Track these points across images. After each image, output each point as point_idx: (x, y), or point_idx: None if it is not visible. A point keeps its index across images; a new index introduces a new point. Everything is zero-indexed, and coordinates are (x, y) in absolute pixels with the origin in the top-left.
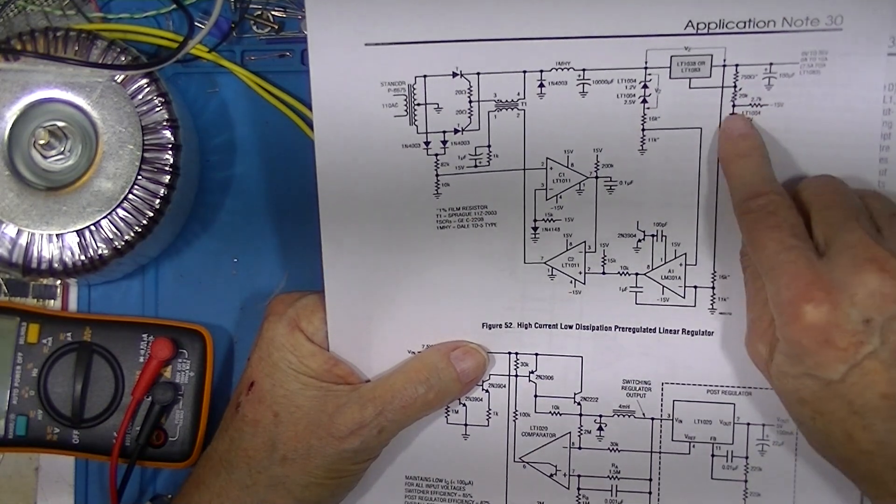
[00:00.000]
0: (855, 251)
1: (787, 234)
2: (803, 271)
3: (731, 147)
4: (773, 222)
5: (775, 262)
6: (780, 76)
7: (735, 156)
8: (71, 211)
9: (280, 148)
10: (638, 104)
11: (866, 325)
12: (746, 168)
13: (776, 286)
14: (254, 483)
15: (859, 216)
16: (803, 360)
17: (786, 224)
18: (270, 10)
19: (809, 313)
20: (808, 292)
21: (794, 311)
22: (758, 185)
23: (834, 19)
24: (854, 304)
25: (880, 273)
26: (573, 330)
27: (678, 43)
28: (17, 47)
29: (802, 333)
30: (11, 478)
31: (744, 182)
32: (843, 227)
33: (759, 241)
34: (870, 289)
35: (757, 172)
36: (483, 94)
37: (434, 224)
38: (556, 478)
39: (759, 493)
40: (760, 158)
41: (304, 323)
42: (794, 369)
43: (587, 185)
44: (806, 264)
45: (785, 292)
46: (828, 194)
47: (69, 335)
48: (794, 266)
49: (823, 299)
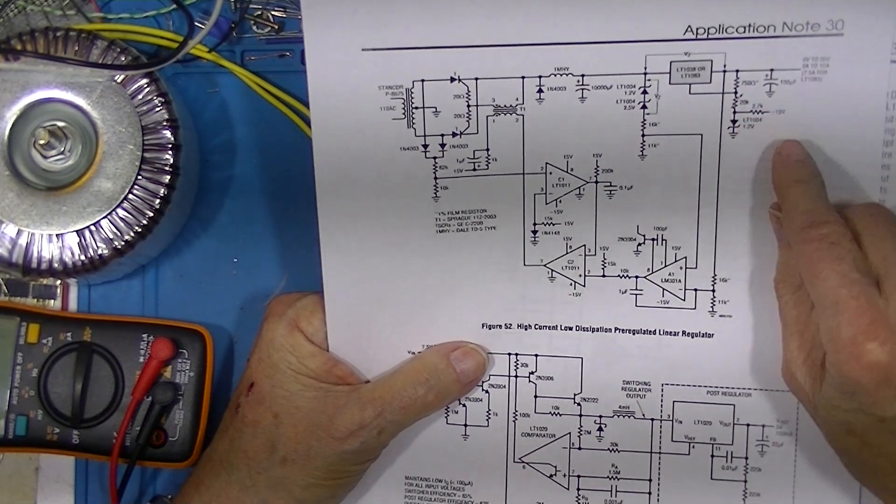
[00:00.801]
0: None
1: (850, 268)
2: (866, 307)
3: (789, 172)
4: (836, 254)
5: (837, 296)
6: (781, 83)
7: (794, 181)
8: (71, 211)
9: (280, 148)
10: (638, 110)
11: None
12: (807, 194)
13: (836, 321)
14: (254, 484)
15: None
16: (857, 397)
17: (849, 256)
18: (270, 10)
19: (873, 352)
20: (870, 330)
21: (855, 348)
22: (819, 212)
23: (835, 24)
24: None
25: None
26: (573, 331)
27: (678, 48)
28: (17, 47)
29: (862, 371)
30: (11, 478)
31: (804, 209)
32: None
33: (821, 272)
34: None
35: (818, 199)
36: (482, 99)
37: (433, 227)
38: (555, 478)
39: (758, 493)
40: (819, 185)
41: (303, 323)
42: (846, 404)
43: (587, 189)
44: (868, 301)
45: (846, 329)
46: (879, 225)
47: (69, 335)
48: (856, 302)
49: (887, 339)
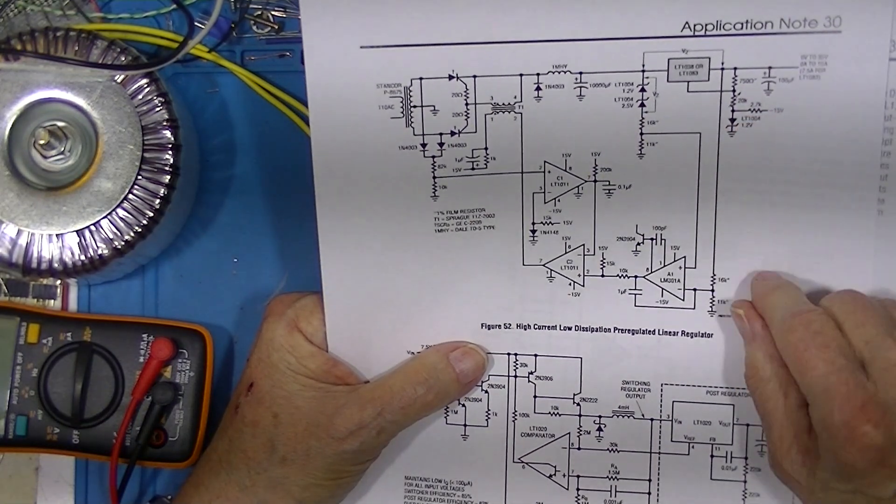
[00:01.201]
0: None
1: (836, 354)
2: (855, 392)
3: (766, 284)
4: (821, 341)
5: (826, 383)
6: (779, 81)
7: (771, 289)
8: (71, 211)
9: (280, 148)
10: (636, 108)
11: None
12: (785, 295)
13: (828, 408)
14: (253, 484)
15: (892, 331)
16: (854, 480)
17: (833, 343)
18: (270, 10)
19: (868, 435)
20: (862, 414)
21: (849, 433)
22: (799, 305)
23: (832, 20)
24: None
25: None
26: (572, 331)
27: (675, 45)
28: (17, 47)
29: (858, 455)
30: (11, 478)
31: (784, 305)
32: (882, 343)
33: (807, 361)
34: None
35: (797, 297)
36: (479, 97)
37: (432, 227)
38: (555, 478)
39: (758, 493)
40: (797, 290)
41: (303, 324)
42: (842, 486)
43: (585, 188)
44: (857, 385)
45: (839, 414)
46: (858, 311)
47: (69, 335)
48: (846, 387)
49: (879, 421)
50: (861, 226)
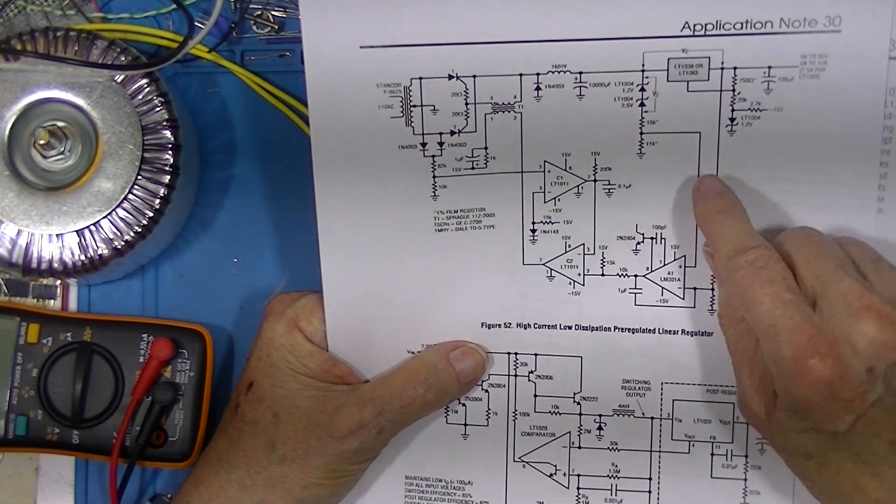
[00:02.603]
0: (849, 300)
1: (781, 289)
2: (802, 325)
3: (709, 205)
4: (765, 277)
5: (772, 318)
6: (779, 80)
7: (714, 213)
8: (71, 211)
9: (280, 148)
10: (636, 107)
11: (870, 374)
12: (729, 224)
13: (776, 343)
14: (253, 483)
15: (844, 264)
16: (808, 415)
17: (778, 277)
18: (270, 10)
19: (815, 368)
20: (810, 346)
21: (798, 366)
22: (744, 240)
23: (832, 20)
24: (856, 354)
25: (877, 320)
26: (572, 330)
27: (675, 45)
28: (17, 47)
29: (808, 388)
30: (11, 478)
31: (728, 238)
32: (833, 276)
33: (753, 298)
34: (869, 337)
35: (741, 228)
36: (479, 97)
37: (432, 226)
38: (555, 477)
39: (758, 491)
40: (741, 214)
41: (303, 323)
42: (798, 424)
43: (585, 188)
44: (804, 318)
45: (786, 349)
46: (810, 246)
47: (69, 335)
48: (792, 321)
49: (827, 353)
50: (861, 225)
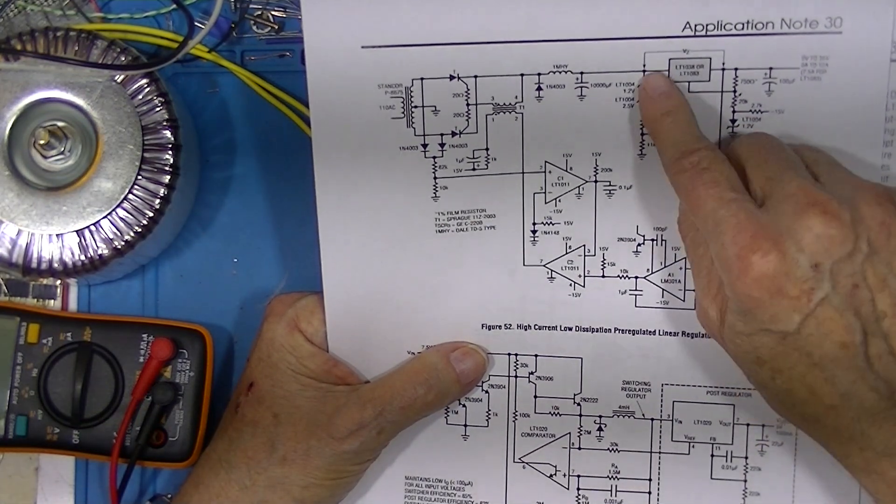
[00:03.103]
0: (796, 198)
1: (725, 189)
2: (746, 223)
3: (654, 106)
4: (709, 178)
5: (716, 217)
6: (780, 82)
7: (660, 115)
8: (71, 211)
9: (280, 148)
10: (637, 108)
11: (815, 271)
12: (675, 126)
13: (720, 242)
14: (253, 483)
15: (796, 166)
16: (756, 315)
17: (722, 178)
18: (270, 10)
19: (757, 264)
20: (753, 243)
21: (741, 264)
22: (689, 142)
23: (833, 21)
24: (801, 250)
25: (823, 216)
26: (573, 332)
27: (676, 45)
28: (17, 47)
29: (753, 285)
30: (11, 478)
31: (674, 141)
32: (782, 177)
33: (697, 199)
34: (815, 233)
35: (686, 130)
36: (481, 97)
37: (433, 228)
38: (555, 478)
39: (758, 492)
40: (687, 115)
41: (303, 324)
42: (747, 327)
43: (586, 189)
44: (748, 216)
45: (730, 247)
46: (762, 149)
47: (69, 335)
48: (735, 219)
49: (770, 248)
50: None
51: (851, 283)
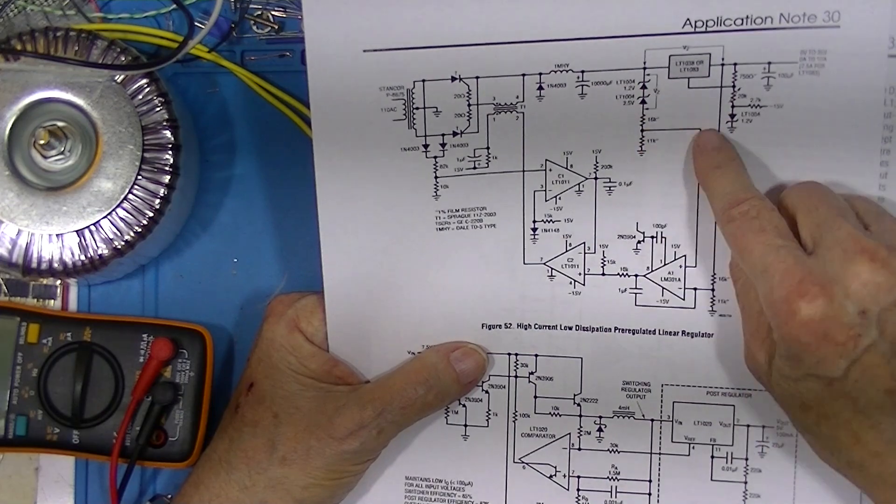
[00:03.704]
0: (844, 245)
1: (773, 236)
2: (794, 268)
3: (706, 160)
4: (757, 226)
5: (765, 263)
6: (779, 76)
7: (712, 168)
8: (71, 211)
9: (280, 148)
10: (637, 105)
11: (862, 317)
12: (724, 178)
13: (768, 286)
14: (253, 484)
15: (846, 214)
16: (803, 360)
17: (770, 225)
18: (270, 10)
19: (804, 309)
20: (801, 287)
21: (788, 308)
22: (738, 192)
23: (831, 16)
24: (848, 296)
25: (871, 263)
26: (573, 331)
27: (676, 42)
28: (17, 47)
29: (800, 330)
30: (11, 478)
31: (724, 192)
32: (832, 224)
33: (746, 246)
34: (863, 279)
35: (735, 181)
36: (482, 98)
37: (433, 226)
38: (555, 479)
39: (758, 494)
40: (737, 167)
41: (303, 324)
42: (794, 371)
43: (586, 186)
44: (795, 261)
45: (778, 291)
46: (813, 197)
47: (69, 335)
48: (783, 264)
49: (818, 293)
50: None
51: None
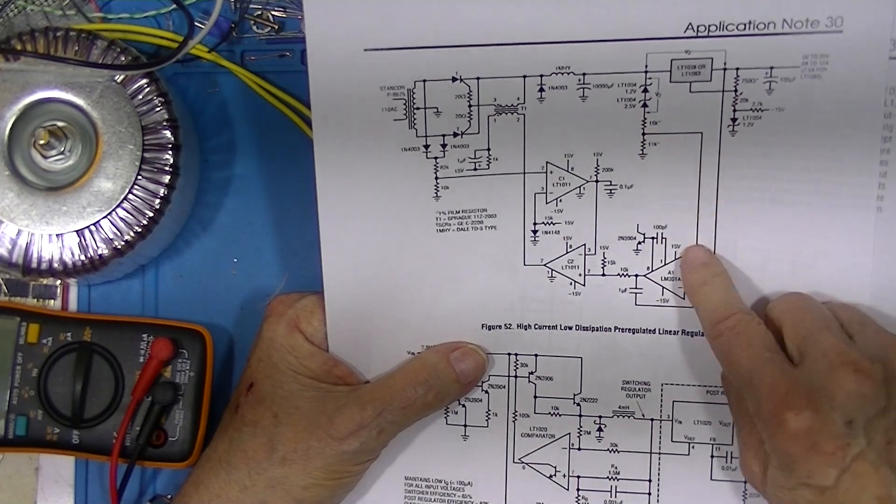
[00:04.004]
0: (829, 356)
1: (759, 349)
2: (780, 381)
3: (693, 277)
4: (744, 341)
5: (752, 376)
6: (781, 80)
7: (699, 285)
8: (71, 211)
9: (280, 148)
10: (638, 108)
11: (849, 427)
12: (712, 294)
13: (757, 399)
14: (253, 484)
15: (830, 325)
16: (795, 470)
17: (756, 339)
18: (270, 10)
19: (792, 421)
20: (788, 400)
21: (776, 420)
22: (724, 308)
23: (834, 21)
24: (835, 407)
25: (856, 374)
26: (573, 331)
27: (678, 46)
28: (17, 47)
29: (789, 442)
30: (11, 478)
31: (711, 308)
32: (817, 336)
33: (734, 360)
34: (848, 390)
35: (722, 297)
36: (483, 99)
37: (434, 226)
38: (555, 478)
39: (758, 493)
40: (723, 283)
41: (303, 324)
42: (788, 482)
43: (587, 188)
44: (782, 374)
45: (766, 404)
46: (797, 309)
47: (69, 335)
48: (770, 377)
49: (804, 406)
50: (861, 225)
51: (886, 440)
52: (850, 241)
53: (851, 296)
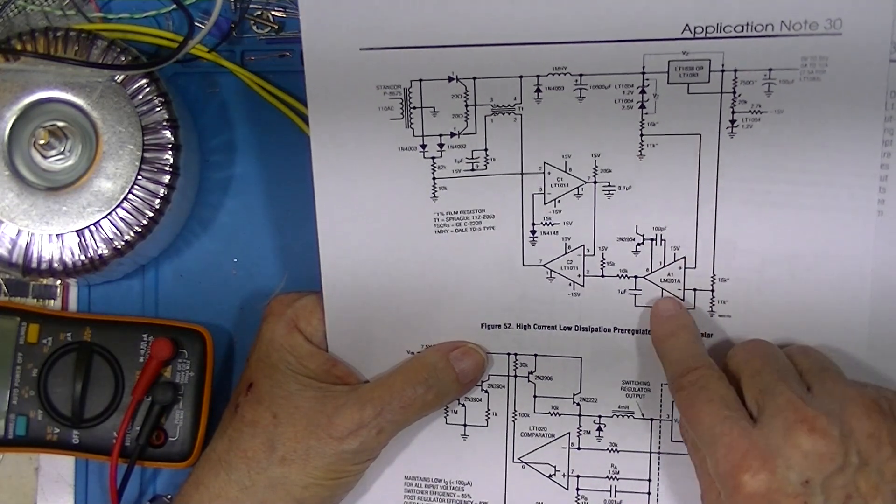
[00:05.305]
0: (785, 414)
1: (719, 406)
2: (738, 441)
3: (660, 328)
4: (705, 396)
5: (712, 434)
6: (779, 82)
7: (665, 336)
8: (71, 211)
9: (280, 148)
10: (636, 109)
11: (806, 486)
12: (676, 346)
13: (715, 458)
14: (253, 484)
15: (787, 377)
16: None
17: (717, 396)
18: (270, 10)
19: (748, 483)
20: (744, 462)
21: (734, 482)
22: (687, 361)
23: (833, 23)
24: (790, 468)
25: (811, 434)
26: (572, 331)
27: (676, 47)
28: (17, 47)
29: (746, 503)
30: (11, 478)
31: (675, 360)
32: (773, 390)
33: (694, 416)
34: (803, 450)
35: (686, 349)
36: (479, 99)
37: (432, 227)
38: (555, 478)
39: None
40: (689, 336)
41: (302, 323)
42: None
43: (585, 189)
44: (740, 434)
45: (723, 464)
46: (755, 359)
47: (69, 335)
48: (728, 437)
49: (760, 468)
50: (861, 226)
51: (844, 494)
52: (851, 245)
53: (850, 298)
